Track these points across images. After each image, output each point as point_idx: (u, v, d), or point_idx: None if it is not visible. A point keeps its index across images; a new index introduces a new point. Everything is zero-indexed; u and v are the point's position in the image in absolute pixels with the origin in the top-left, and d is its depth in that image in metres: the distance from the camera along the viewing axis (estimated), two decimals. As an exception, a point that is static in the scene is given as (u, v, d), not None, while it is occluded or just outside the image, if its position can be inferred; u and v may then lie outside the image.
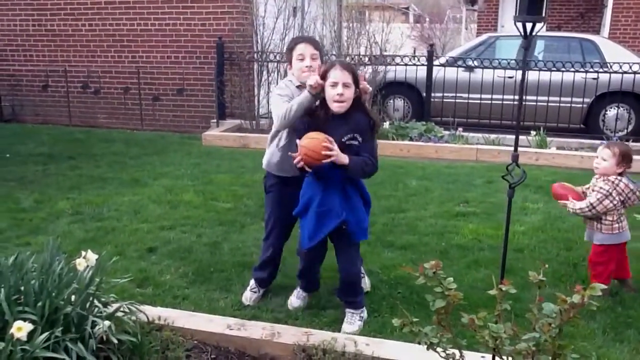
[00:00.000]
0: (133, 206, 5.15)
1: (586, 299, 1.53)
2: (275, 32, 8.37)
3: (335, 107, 2.91)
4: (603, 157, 3.49)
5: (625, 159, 3.47)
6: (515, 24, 2.15)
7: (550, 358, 1.65)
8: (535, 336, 1.65)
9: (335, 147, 2.84)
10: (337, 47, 8.71)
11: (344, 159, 2.87)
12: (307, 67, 3.07)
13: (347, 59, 8.06)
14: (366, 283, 3.55)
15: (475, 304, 3.20)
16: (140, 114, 9.12)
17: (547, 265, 2.76)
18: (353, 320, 3.14)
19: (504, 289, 1.99)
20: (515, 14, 2.14)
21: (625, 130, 8.14)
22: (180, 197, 5.42)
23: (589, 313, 3.29)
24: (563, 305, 1.55)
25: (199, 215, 4.95)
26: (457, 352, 2.03)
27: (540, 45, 9.15)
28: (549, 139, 7.57)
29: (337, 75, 2.88)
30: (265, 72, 8.46)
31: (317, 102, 2.99)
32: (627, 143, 7.27)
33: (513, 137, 8.43)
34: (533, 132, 7.62)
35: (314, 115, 2.96)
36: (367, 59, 8.26)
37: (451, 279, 1.96)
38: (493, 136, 7.71)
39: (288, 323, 3.16)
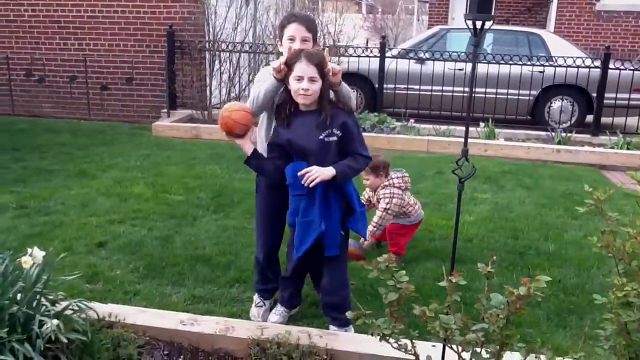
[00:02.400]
0: (81, 199, 5.02)
1: (532, 291, 1.59)
2: (228, 21, 8.27)
3: (300, 100, 2.76)
4: (366, 177, 3.97)
5: (375, 170, 3.91)
6: (465, 21, 2.18)
7: (498, 347, 1.71)
8: (484, 327, 1.70)
9: (314, 169, 2.70)
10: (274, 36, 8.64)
11: (329, 172, 2.71)
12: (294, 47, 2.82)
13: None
14: None
15: (427, 294, 3.28)
16: (88, 103, 8.85)
17: (495, 257, 2.85)
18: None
19: (453, 280, 2.04)
20: (466, 11, 2.18)
21: (569, 122, 8.44)
22: (130, 190, 5.31)
23: (534, 301, 3.42)
24: (510, 297, 1.60)
25: (149, 208, 4.86)
26: (409, 342, 2.07)
27: (489, 38, 9.35)
28: (497, 130, 7.77)
29: (302, 69, 2.68)
30: (217, 62, 8.34)
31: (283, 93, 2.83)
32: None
33: (463, 128, 8.58)
34: (482, 124, 7.80)
35: (281, 109, 2.81)
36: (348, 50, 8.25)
37: (403, 272, 1.99)
38: (443, 127, 7.85)
39: (242, 317, 3.15)
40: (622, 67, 7.75)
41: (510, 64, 8.03)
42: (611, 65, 7.73)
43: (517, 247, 4.26)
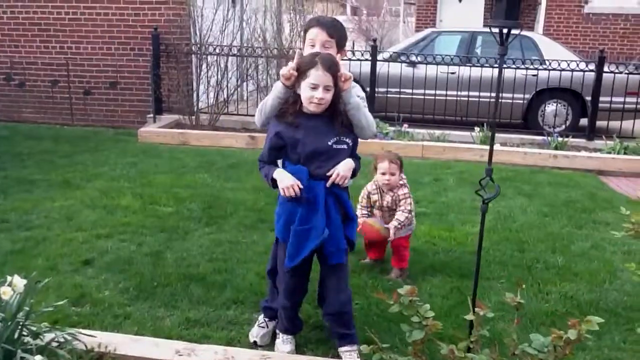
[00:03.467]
0: (65, 212, 4.76)
1: (583, 334, 1.41)
2: (215, 23, 8.03)
3: (311, 107, 2.59)
4: (392, 171, 3.66)
5: (401, 166, 3.77)
6: (490, 28, 2.00)
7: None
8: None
9: (339, 169, 2.62)
10: (279, 40, 8.46)
11: (349, 165, 2.65)
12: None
13: (291, 52, 7.84)
14: None
15: (437, 314, 3.09)
16: (70, 109, 8.57)
17: (524, 286, 2.66)
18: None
19: (481, 313, 1.86)
20: (490, 17, 2.00)
21: (564, 126, 8.34)
22: (117, 201, 5.06)
23: (549, 320, 3.25)
24: (558, 342, 1.42)
25: (138, 221, 4.62)
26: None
27: (479, 41, 9.24)
28: (492, 135, 7.61)
29: (319, 77, 2.53)
30: (204, 66, 8.10)
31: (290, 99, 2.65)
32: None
33: (457, 132, 8.49)
34: (477, 129, 7.66)
35: (289, 109, 2.62)
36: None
37: (427, 306, 1.81)
38: (438, 132, 7.69)
39: (241, 343, 2.94)
40: (617, 71, 7.66)
41: (504, 68, 7.88)
42: (606, 69, 7.63)
43: (524, 260, 4.09)
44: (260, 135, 7.58)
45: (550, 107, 8.44)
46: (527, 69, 7.92)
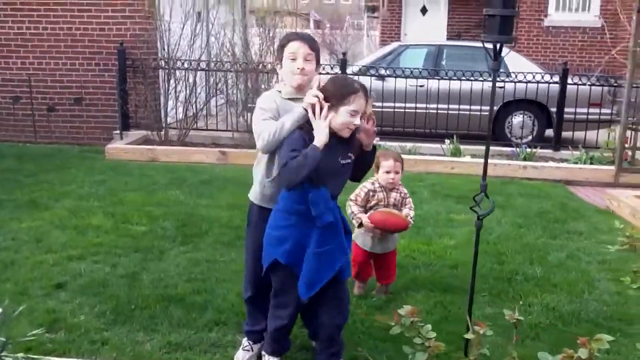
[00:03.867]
0: (34, 233, 4.58)
1: (594, 353, 1.40)
2: (183, 38, 7.93)
3: (344, 133, 2.54)
4: (397, 170, 3.56)
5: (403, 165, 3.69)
6: (483, 43, 2.00)
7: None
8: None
9: None
10: (248, 55, 8.39)
11: None
12: (299, 69, 2.63)
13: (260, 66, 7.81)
14: None
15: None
16: (34, 126, 8.31)
17: (521, 302, 2.65)
18: None
19: (481, 331, 1.84)
20: (483, 32, 2.00)
21: (530, 137, 8.50)
22: (88, 221, 4.90)
23: (533, 333, 3.27)
24: (572, 361, 1.40)
25: (111, 241, 4.48)
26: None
27: (445, 54, 9.37)
28: (462, 146, 7.71)
29: (361, 105, 2.50)
30: (172, 80, 7.98)
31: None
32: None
33: (428, 145, 8.54)
34: (447, 141, 7.73)
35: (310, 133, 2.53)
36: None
37: (429, 326, 1.77)
38: (409, 145, 7.74)
39: (227, 366, 2.86)
40: (580, 83, 7.86)
41: (472, 80, 8.02)
42: (569, 81, 7.82)
43: (503, 272, 4.11)
44: (231, 151, 7.50)
45: (517, 119, 8.60)
46: (494, 81, 8.04)
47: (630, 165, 7.08)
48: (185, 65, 7.93)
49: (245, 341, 2.97)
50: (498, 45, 2.00)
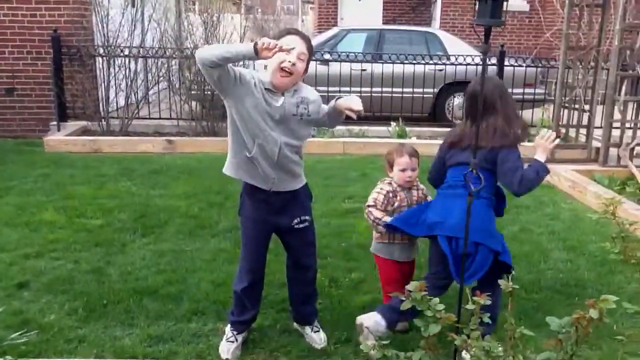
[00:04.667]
0: (-19, 233, 4.37)
1: (604, 313, 1.52)
2: (122, 24, 7.66)
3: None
4: (414, 166, 3.21)
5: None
6: (474, 26, 2.08)
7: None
8: (550, 355, 1.60)
9: None
10: (177, 39, 8.17)
11: None
12: (290, 62, 2.55)
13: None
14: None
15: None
16: (-39, 119, 7.84)
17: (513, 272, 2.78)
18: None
19: (481, 302, 1.94)
20: (474, 16, 2.08)
21: (470, 118, 8.80)
22: (39, 217, 4.71)
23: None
24: (583, 322, 1.51)
25: (67, 236, 4.33)
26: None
27: (386, 38, 9.52)
28: (407, 128, 7.90)
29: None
30: (112, 69, 7.71)
31: None
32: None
33: (376, 128, 8.67)
34: (393, 123, 7.90)
35: None
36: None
37: (437, 299, 1.85)
38: (357, 128, 7.85)
39: (212, 355, 2.86)
40: (516, 64, 8.20)
41: (414, 64, 8.21)
42: (506, 63, 8.15)
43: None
44: (179, 140, 7.36)
45: (457, 100, 8.88)
46: (435, 64, 8.28)
47: (564, 142, 7.48)
48: (126, 53, 7.68)
49: (229, 332, 2.95)
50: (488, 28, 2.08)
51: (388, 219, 3.04)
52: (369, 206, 3.15)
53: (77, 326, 3.11)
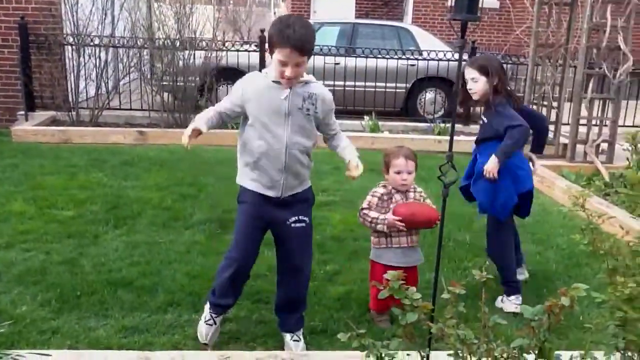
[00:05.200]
0: (-52, 223, 4.27)
1: (575, 300, 1.58)
2: (93, 12, 7.53)
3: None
4: (410, 169, 3.19)
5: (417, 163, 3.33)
6: (450, 21, 2.13)
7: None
8: (523, 342, 1.66)
9: None
10: (149, 28, 8.05)
11: None
12: (287, 76, 2.52)
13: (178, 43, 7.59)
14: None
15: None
16: None
17: (487, 262, 2.84)
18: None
19: (456, 291, 1.99)
20: (450, 11, 2.12)
21: (441, 112, 8.93)
22: (8, 208, 4.62)
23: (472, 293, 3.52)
24: (555, 309, 1.58)
25: (38, 227, 4.27)
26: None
27: (359, 32, 9.57)
28: (380, 122, 7.97)
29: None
30: (82, 58, 7.57)
31: None
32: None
33: (349, 122, 8.70)
34: (366, 117, 7.96)
35: None
36: (204, 43, 7.85)
37: (414, 289, 1.89)
38: (330, 122, 7.88)
39: (188, 345, 2.86)
40: (487, 61, 8.32)
41: (387, 58, 8.27)
42: (477, 59, 8.26)
43: (436, 240, 4.35)
44: (150, 131, 7.29)
45: (429, 95, 8.99)
46: (408, 59, 8.36)
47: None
48: (96, 42, 7.55)
49: (208, 313, 2.90)
50: (463, 24, 2.12)
51: (387, 215, 3.05)
52: (363, 209, 3.12)
53: (50, 317, 3.07)
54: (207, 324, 2.90)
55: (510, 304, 3.41)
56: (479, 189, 3.57)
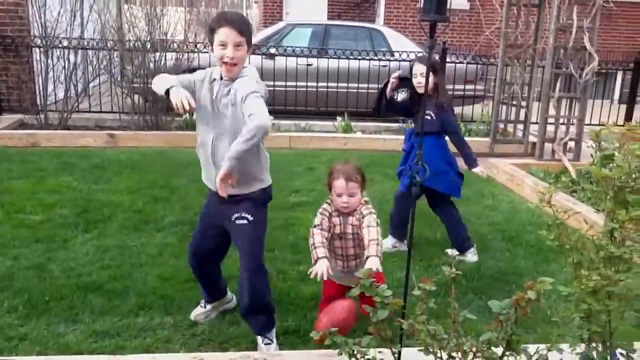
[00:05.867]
0: None
1: (541, 293, 1.61)
2: (61, 14, 7.42)
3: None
4: (351, 192, 2.89)
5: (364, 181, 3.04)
6: (419, 21, 2.15)
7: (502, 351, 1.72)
8: (491, 336, 1.69)
9: None
10: (119, 30, 7.99)
11: None
12: (228, 57, 2.54)
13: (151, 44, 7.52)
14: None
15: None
16: None
17: (456, 258, 2.87)
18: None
19: (427, 288, 2.02)
20: (419, 12, 2.15)
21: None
22: (-26, 213, 4.53)
23: (442, 290, 3.56)
24: (522, 302, 1.61)
25: (5, 232, 4.18)
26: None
27: (331, 33, 9.60)
28: (352, 123, 8.01)
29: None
30: (51, 60, 7.45)
31: None
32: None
33: (322, 123, 8.75)
34: (339, 118, 7.99)
35: None
36: (175, 45, 7.78)
37: (385, 286, 1.91)
38: (303, 123, 7.89)
39: (160, 349, 2.84)
40: (457, 61, 8.43)
41: (359, 59, 8.32)
42: (448, 59, 8.36)
43: (407, 238, 4.40)
44: (120, 134, 7.20)
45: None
46: (379, 60, 8.42)
47: (503, 137, 7.77)
48: (65, 44, 7.44)
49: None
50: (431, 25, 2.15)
51: (320, 253, 2.74)
52: (315, 226, 2.88)
53: (18, 324, 3.01)
54: (199, 305, 3.15)
55: (472, 255, 4.07)
56: (441, 180, 3.98)
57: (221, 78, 2.67)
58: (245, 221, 2.73)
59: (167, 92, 2.58)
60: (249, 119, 2.44)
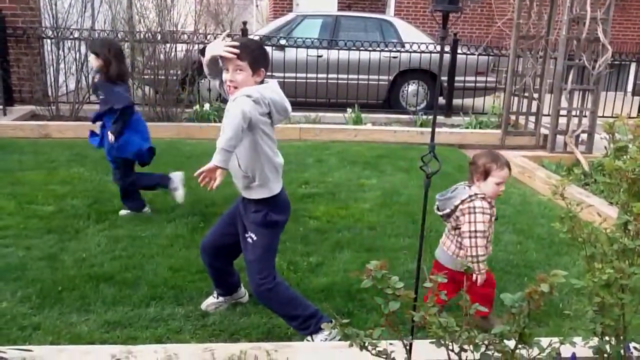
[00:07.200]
0: None
1: (554, 287, 1.60)
2: (72, 5, 7.43)
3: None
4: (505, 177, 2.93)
5: None
6: (432, 12, 2.13)
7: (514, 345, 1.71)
8: (504, 329, 1.68)
9: None
10: (130, 21, 7.99)
11: None
12: (228, 80, 2.66)
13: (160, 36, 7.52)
14: None
15: (359, 287, 3.24)
16: None
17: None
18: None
19: (438, 280, 2.01)
20: (433, 2, 2.12)
21: (423, 105, 8.97)
22: (-13, 204, 4.57)
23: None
24: (535, 295, 1.59)
25: (18, 223, 4.22)
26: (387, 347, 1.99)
27: (342, 25, 9.56)
28: (363, 115, 7.98)
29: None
30: (62, 51, 7.47)
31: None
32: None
33: (331, 114, 8.74)
34: (349, 110, 7.96)
35: None
36: (185, 36, 7.78)
37: (396, 278, 1.91)
38: (313, 115, 7.88)
39: (172, 339, 2.85)
40: (469, 53, 8.37)
41: (370, 51, 8.28)
42: (459, 51, 8.31)
43: (418, 231, 4.38)
44: (132, 124, 7.21)
45: (411, 87, 9.01)
46: (390, 51, 8.37)
47: (514, 129, 7.71)
48: (76, 35, 7.45)
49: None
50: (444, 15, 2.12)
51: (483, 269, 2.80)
52: (477, 232, 2.80)
53: (31, 313, 3.04)
54: (212, 295, 3.19)
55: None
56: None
57: None
58: (250, 240, 2.80)
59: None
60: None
